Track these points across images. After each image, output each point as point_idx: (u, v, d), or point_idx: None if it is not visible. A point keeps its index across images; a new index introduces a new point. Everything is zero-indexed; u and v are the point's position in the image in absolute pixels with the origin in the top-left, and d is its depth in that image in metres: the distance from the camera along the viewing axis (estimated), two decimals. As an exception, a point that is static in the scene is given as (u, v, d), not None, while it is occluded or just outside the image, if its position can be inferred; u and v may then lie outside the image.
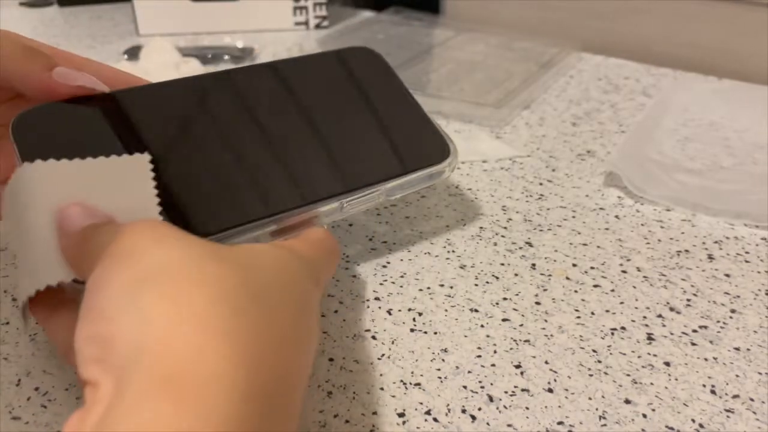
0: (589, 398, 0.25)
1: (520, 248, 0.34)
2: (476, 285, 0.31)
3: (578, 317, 0.29)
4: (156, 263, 0.18)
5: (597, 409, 0.24)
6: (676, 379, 0.26)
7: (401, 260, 0.33)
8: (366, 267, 0.32)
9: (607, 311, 0.29)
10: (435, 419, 0.24)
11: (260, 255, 0.21)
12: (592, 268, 0.32)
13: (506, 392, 0.25)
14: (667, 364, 0.27)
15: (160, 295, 0.17)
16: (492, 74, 0.55)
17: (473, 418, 0.24)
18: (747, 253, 0.34)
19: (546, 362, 0.26)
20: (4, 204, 0.23)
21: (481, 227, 0.36)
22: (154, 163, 0.23)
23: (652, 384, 0.26)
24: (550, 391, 0.25)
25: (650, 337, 0.28)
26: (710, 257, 0.33)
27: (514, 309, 0.29)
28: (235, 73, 0.30)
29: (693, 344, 0.28)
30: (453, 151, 0.31)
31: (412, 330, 0.28)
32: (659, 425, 0.24)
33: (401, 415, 0.24)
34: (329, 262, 0.25)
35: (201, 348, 0.16)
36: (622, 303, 0.30)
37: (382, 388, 0.25)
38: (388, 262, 0.32)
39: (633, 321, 0.29)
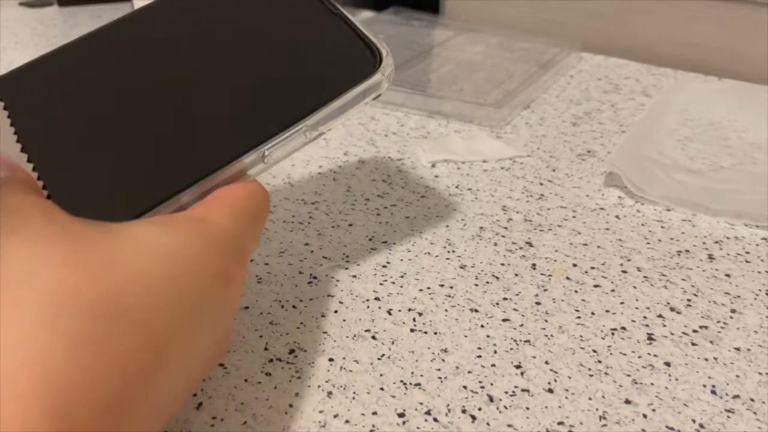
0: (590, 398, 0.25)
1: (521, 248, 0.34)
2: (476, 285, 0.31)
3: (578, 317, 0.29)
4: (6, 272, 0.16)
5: (597, 410, 0.24)
6: (677, 380, 0.26)
7: (401, 260, 0.33)
8: (366, 267, 0.32)
9: (608, 311, 0.29)
10: (435, 419, 0.24)
11: (141, 245, 0.18)
12: (592, 268, 0.32)
13: (506, 392, 0.25)
14: (668, 364, 0.27)
15: (6, 316, 0.15)
16: (492, 74, 0.55)
17: (473, 418, 0.24)
18: (747, 253, 0.34)
19: (546, 362, 0.26)
20: None
21: (481, 227, 0.35)
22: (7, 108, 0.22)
23: (652, 384, 0.26)
24: (551, 391, 0.25)
25: (650, 338, 0.28)
26: (710, 257, 0.33)
27: (514, 309, 0.29)
28: (136, 16, 0.26)
29: (693, 344, 0.28)
30: (384, 57, 0.26)
31: (412, 330, 0.28)
32: (659, 425, 0.24)
33: (401, 415, 0.24)
34: (255, 224, 0.22)
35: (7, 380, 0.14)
36: (622, 303, 0.30)
37: (382, 388, 0.25)
38: (388, 262, 0.32)
39: (633, 321, 0.29)
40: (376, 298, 0.30)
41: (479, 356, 0.27)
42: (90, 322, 0.16)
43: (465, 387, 0.25)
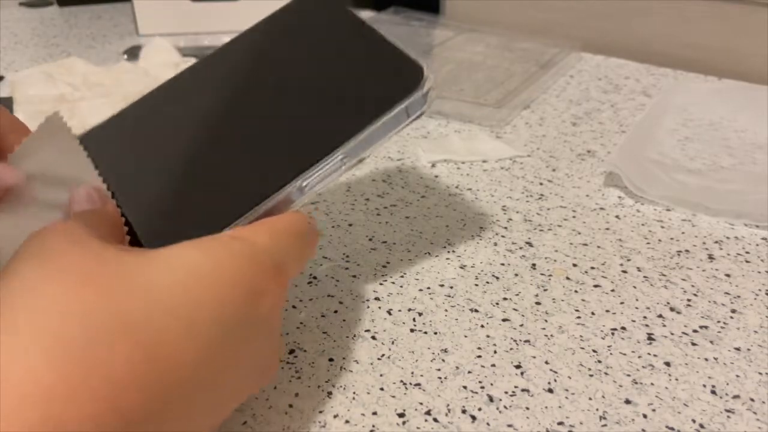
0: (590, 398, 0.25)
1: (520, 248, 0.34)
2: (476, 285, 0.31)
3: (578, 317, 0.29)
4: (18, 285, 0.17)
5: (597, 410, 0.24)
6: (677, 380, 0.26)
7: (401, 260, 0.33)
8: (366, 267, 0.32)
9: (608, 311, 0.29)
10: (435, 419, 0.24)
11: (165, 266, 0.18)
12: (592, 268, 0.32)
13: (506, 392, 0.25)
14: (668, 364, 0.27)
15: (6, 324, 0.16)
16: (492, 74, 0.55)
17: (473, 418, 0.24)
18: (747, 253, 0.34)
19: (546, 362, 0.26)
20: None
21: (481, 227, 0.35)
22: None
23: (652, 384, 0.26)
24: (551, 391, 0.25)
25: (650, 337, 0.28)
26: (710, 257, 0.33)
27: (514, 309, 0.29)
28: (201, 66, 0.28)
29: (693, 344, 0.28)
30: (425, 74, 0.24)
31: (412, 330, 0.28)
32: (659, 425, 0.24)
33: (401, 415, 0.24)
34: (298, 246, 0.23)
35: (14, 408, 0.15)
36: (622, 303, 0.30)
37: (382, 388, 0.25)
38: (388, 262, 0.32)
39: (633, 321, 0.29)
40: (376, 298, 0.30)
41: (479, 356, 0.27)
42: (86, 338, 0.16)
43: (465, 387, 0.25)
